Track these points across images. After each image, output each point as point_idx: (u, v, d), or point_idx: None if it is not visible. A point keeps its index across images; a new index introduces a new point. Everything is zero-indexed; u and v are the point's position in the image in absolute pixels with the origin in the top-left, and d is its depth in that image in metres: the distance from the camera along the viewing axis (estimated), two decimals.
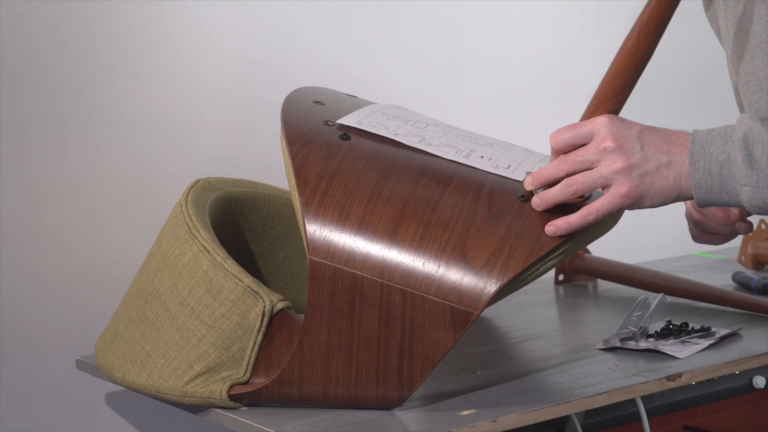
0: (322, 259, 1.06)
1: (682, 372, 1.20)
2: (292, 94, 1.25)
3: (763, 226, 1.84)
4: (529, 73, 1.97)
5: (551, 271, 1.68)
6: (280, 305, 1.11)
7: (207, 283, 1.12)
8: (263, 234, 1.38)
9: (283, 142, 1.14)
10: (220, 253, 1.13)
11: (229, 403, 1.10)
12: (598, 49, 2.00)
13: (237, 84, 1.63)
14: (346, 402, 1.09)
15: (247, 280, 1.11)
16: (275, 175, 1.44)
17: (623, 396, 1.16)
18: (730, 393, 1.47)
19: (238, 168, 1.57)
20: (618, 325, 1.38)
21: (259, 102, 1.64)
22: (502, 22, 1.93)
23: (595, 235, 1.15)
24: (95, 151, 1.50)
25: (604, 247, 1.53)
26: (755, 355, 1.28)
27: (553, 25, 1.99)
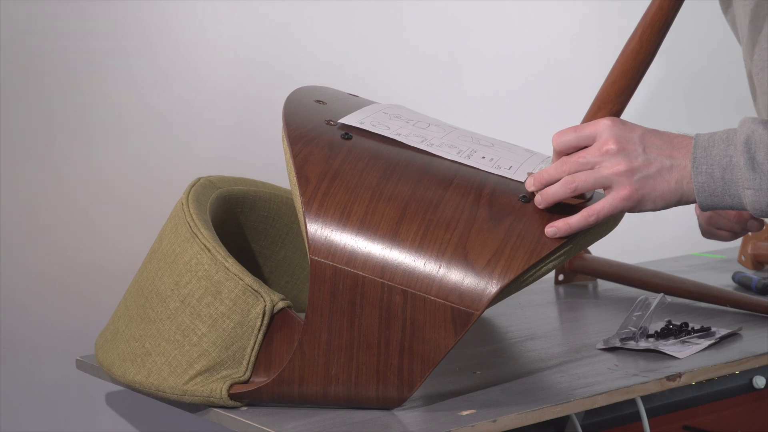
0: (323, 259, 1.06)
1: (682, 372, 1.20)
2: (293, 93, 1.24)
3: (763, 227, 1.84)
4: (530, 73, 1.97)
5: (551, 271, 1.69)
6: (281, 304, 1.11)
7: (208, 281, 1.12)
8: (264, 233, 1.38)
9: (285, 141, 1.14)
10: (221, 252, 1.13)
11: (229, 402, 1.10)
12: (598, 49, 2.00)
13: (237, 84, 1.63)
14: (346, 402, 1.09)
15: (248, 279, 1.11)
16: (275, 174, 1.44)
17: (623, 396, 1.16)
18: (730, 393, 1.47)
19: (238, 168, 1.57)
20: (618, 325, 1.38)
21: (259, 102, 1.63)
22: (503, 22, 1.93)
23: (596, 237, 1.15)
24: (95, 151, 1.50)
25: (604, 247, 1.53)
26: (755, 355, 1.28)
27: (553, 25, 1.99)
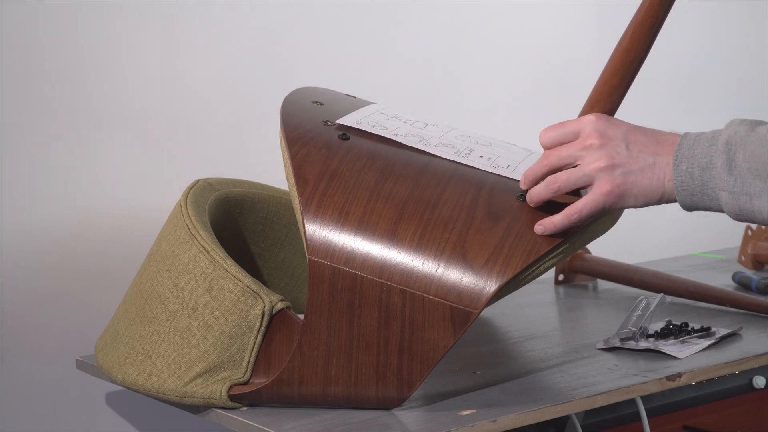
0: (321, 259, 1.06)
1: (682, 372, 1.20)
2: (291, 94, 1.24)
3: (763, 227, 1.84)
4: (529, 73, 1.97)
5: (551, 271, 1.69)
6: (280, 305, 1.11)
7: (206, 283, 1.12)
8: (263, 234, 1.38)
9: (283, 142, 1.14)
10: (220, 254, 1.13)
11: (229, 404, 1.10)
12: (597, 51, 2.00)
13: (236, 84, 1.63)
14: (346, 402, 1.09)
15: (247, 280, 1.11)
16: (275, 175, 1.44)
17: (623, 396, 1.16)
18: (730, 393, 1.47)
19: (237, 168, 1.57)
20: (618, 325, 1.38)
21: (257, 104, 1.64)
22: (502, 22, 1.93)
23: (594, 235, 1.15)
24: (94, 152, 1.50)
25: (604, 247, 1.53)
26: (755, 355, 1.27)
27: (552, 25, 1.99)
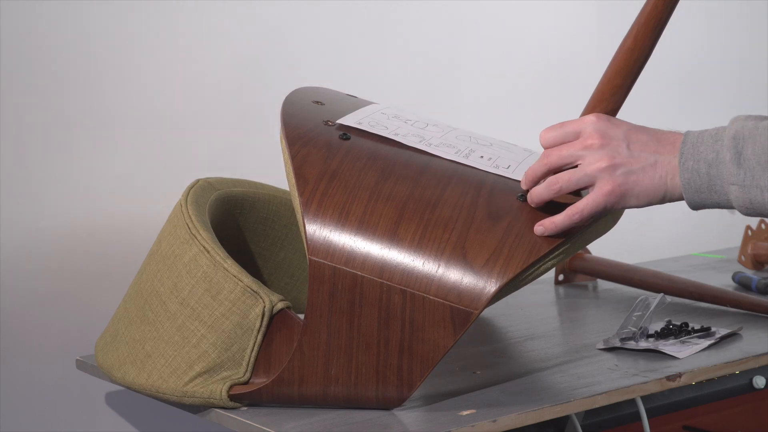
0: (321, 259, 1.06)
1: (682, 372, 1.20)
2: (291, 94, 1.24)
3: (763, 226, 1.84)
4: (529, 73, 1.97)
5: (551, 271, 1.69)
6: (280, 305, 1.11)
7: (207, 283, 1.12)
8: (263, 234, 1.38)
9: (283, 142, 1.14)
10: (220, 253, 1.13)
11: (229, 403, 1.10)
12: (598, 50, 2.00)
13: (237, 84, 1.63)
14: (346, 402, 1.09)
15: (247, 280, 1.11)
16: (275, 175, 1.43)
17: (623, 396, 1.16)
18: (730, 393, 1.47)
19: (237, 168, 1.57)
20: (618, 325, 1.38)
21: (257, 103, 1.64)
22: (502, 22, 1.93)
23: (595, 235, 1.15)
24: (95, 151, 1.50)
25: (604, 247, 1.53)
26: (755, 355, 1.27)
27: (553, 25, 1.99)
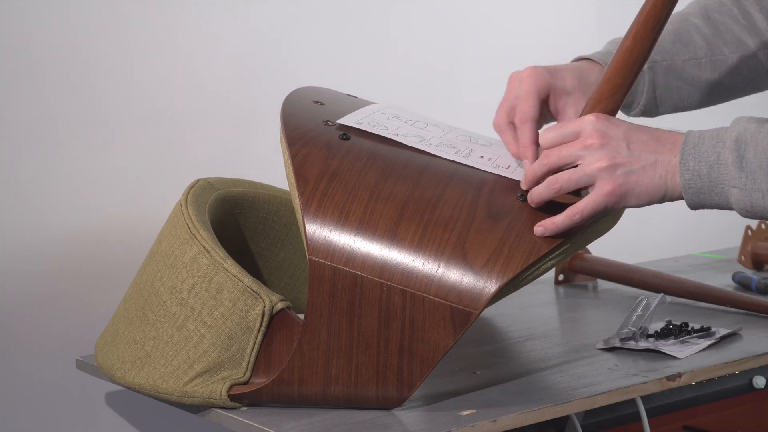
0: (321, 259, 1.06)
1: (682, 372, 1.20)
2: (292, 94, 1.24)
3: (763, 226, 1.84)
4: None
5: (551, 271, 1.68)
6: (280, 305, 1.11)
7: (207, 283, 1.12)
8: (263, 234, 1.38)
9: (283, 142, 1.14)
10: (220, 253, 1.13)
11: (229, 403, 1.10)
12: (598, 50, 1.99)
13: (235, 85, 1.63)
14: (346, 402, 1.09)
15: (247, 280, 1.11)
16: (275, 175, 1.43)
17: (623, 396, 1.16)
18: (730, 393, 1.47)
19: (237, 168, 1.57)
20: (618, 325, 1.38)
21: (257, 103, 1.63)
22: (502, 22, 1.93)
23: (595, 235, 1.15)
24: (94, 152, 1.50)
25: (604, 247, 1.53)
26: (755, 355, 1.27)
27: (553, 26, 1.99)
